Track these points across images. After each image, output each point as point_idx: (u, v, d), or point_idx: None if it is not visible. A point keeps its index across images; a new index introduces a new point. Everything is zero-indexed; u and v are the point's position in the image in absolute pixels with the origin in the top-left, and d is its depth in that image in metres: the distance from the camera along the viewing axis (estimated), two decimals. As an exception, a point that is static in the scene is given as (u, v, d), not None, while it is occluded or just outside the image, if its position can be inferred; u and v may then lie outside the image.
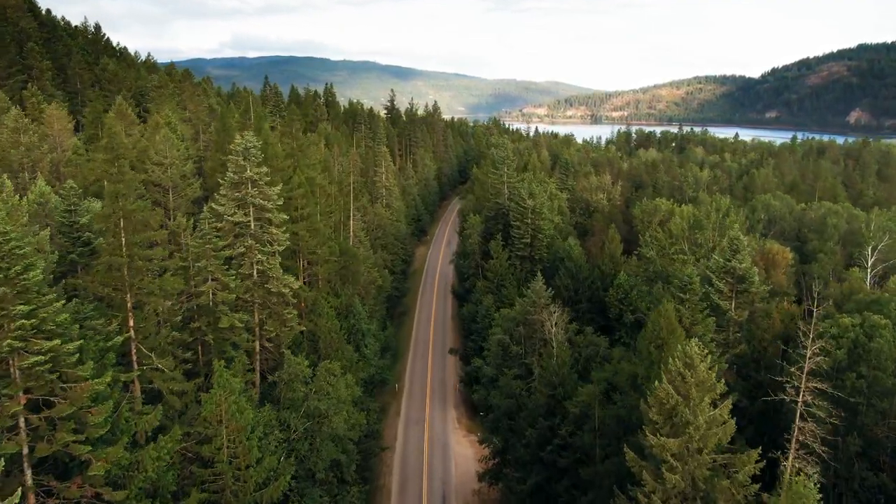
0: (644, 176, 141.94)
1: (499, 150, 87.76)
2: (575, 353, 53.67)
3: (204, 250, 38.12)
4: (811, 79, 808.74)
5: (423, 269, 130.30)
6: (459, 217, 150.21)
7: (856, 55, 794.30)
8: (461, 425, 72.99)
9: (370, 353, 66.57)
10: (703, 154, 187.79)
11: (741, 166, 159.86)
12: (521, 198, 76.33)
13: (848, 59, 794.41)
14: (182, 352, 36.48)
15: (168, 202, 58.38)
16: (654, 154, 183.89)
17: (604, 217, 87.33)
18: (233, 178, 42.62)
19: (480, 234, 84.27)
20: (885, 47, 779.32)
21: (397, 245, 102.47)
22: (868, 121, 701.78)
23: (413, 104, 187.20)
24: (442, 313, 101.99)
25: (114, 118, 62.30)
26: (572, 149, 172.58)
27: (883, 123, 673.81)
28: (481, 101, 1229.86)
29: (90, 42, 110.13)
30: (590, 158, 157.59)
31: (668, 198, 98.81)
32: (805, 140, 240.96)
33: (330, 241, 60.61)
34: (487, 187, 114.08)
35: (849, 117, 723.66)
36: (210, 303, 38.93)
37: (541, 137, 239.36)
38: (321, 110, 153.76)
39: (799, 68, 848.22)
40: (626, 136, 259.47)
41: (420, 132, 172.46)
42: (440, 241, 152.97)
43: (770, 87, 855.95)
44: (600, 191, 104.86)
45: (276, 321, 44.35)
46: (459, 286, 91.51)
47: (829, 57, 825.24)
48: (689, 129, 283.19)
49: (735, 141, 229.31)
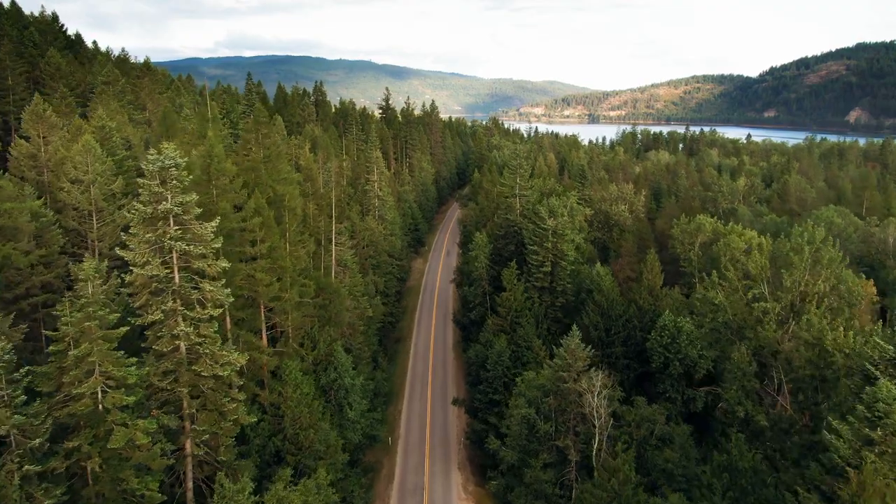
0: (662, 182, 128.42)
1: (509, 157, 73.83)
2: (624, 434, 40.12)
3: (86, 328, 24.35)
4: (810, 78, 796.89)
5: (420, 286, 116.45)
6: (460, 227, 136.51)
7: (854, 54, 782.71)
8: (469, 494, 59.32)
9: (355, 413, 52.84)
10: (718, 156, 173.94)
11: (764, 170, 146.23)
12: (540, 217, 62.55)
13: (847, 58, 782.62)
14: (44, 494, 22.79)
15: (91, 230, 44.49)
16: (666, 157, 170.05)
17: (633, 236, 73.37)
18: (145, 211, 28.76)
19: (488, 255, 70.39)
20: (884, 46, 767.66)
21: (391, 263, 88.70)
22: (868, 120, 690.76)
23: (409, 103, 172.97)
24: (442, 343, 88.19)
25: (29, 121, 48.40)
26: (580, 151, 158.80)
27: (883, 122, 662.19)
28: (478, 101, 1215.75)
29: (43, 32, 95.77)
30: (600, 162, 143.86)
31: (701, 210, 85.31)
32: (820, 141, 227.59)
33: (303, 279, 46.78)
34: (492, 197, 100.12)
35: (848, 116, 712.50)
36: (98, 407, 25.17)
37: (544, 138, 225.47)
38: (309, 110, 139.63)
39: (797, 67, 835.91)
40: (632, 137, 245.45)
41: (417, 134, 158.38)
42: (439, 253, 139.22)
43: (768, 86, 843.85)
44: (621, 201, 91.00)
45: (212, 415, 30.51)
46: (463, 314, 77.54)
47: (827, 56, 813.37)
48: (698, 130, 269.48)
49: (748, 142, 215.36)
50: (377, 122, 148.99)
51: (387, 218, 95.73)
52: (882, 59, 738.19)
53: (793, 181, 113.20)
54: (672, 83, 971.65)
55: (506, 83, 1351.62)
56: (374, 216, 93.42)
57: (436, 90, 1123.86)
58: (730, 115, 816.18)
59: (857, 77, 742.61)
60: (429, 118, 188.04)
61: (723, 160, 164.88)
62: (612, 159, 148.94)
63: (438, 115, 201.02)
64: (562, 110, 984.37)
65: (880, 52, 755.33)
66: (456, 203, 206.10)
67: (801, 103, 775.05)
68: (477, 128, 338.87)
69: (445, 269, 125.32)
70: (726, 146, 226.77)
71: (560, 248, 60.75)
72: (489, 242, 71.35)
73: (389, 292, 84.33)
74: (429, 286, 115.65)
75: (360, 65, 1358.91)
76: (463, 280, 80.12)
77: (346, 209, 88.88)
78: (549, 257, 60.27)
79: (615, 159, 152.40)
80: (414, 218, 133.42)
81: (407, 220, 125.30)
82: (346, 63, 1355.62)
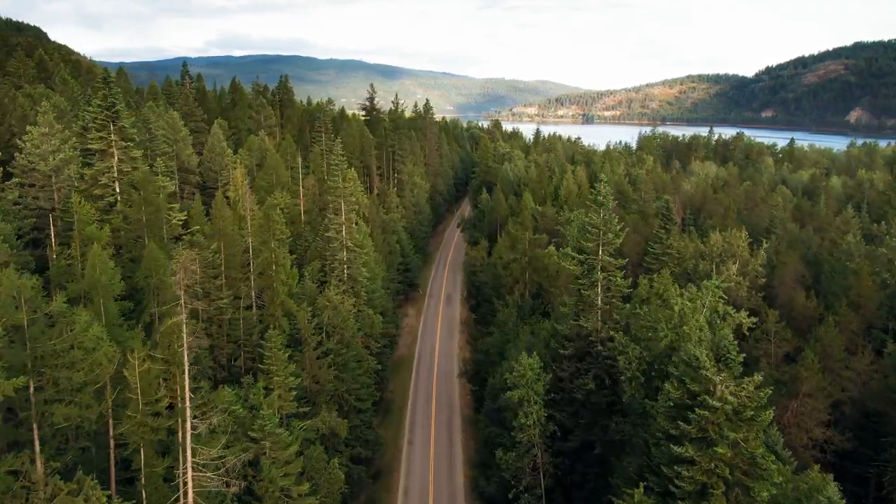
0: (743, 212, 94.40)
1: (589, 217, 38.48)
2: None
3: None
4: (808, 77, 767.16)
5: (412, 358, 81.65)
6: (464, 270, 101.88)
7: (853, 53, 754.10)
8: None
9: None
10: (773, 166, 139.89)
11: (850, 188, 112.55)
12: (689, 364, 27.44)
13: (845, 57, 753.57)
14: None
15: None
16: (713, 169, 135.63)
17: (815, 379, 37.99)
18: None
19: (543, 395, 35.71)
20: (882, 45, 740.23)
21: (366, 363, 54.10)
22: (869, 120, 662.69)
23: (398, 103, 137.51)
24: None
25: None
26: (612, 162, 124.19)
27: (886, 123, 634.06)
28: (469, 101, 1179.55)
29: None
30: (648, 180, 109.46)
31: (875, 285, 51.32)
32: (868, 145, 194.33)
33: None
34: (523, 247, 65.61)
35: (849, 117, 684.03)
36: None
37: (556, 143, 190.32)
38: (267, 113, 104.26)
39: (795, 67, 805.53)
40: (650, 141, 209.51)
41: (408, 141, 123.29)
42: (437, 298, 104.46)
43: (765, 85, 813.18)
44: (730, 258, 56.65)
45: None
46: (497, 487, 41.97)
47: (825, 55, 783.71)
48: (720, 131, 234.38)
49: (791, 148, 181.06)
50: (357, 125, 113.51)
51: (361, 275, 61.04)
52: (881, 58, 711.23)
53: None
54: (667, 83, 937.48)
55: (498, 83, 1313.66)
56: (341, 278, 58.70)
57: (427, 90, 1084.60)
58: (727, 115, 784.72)
59: (856, 76, 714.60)
60: (422, 120, 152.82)
61: (788, 175, 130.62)
62: (646, 172, 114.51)
63: (433, 117, 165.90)
64: (555, 110, 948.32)
65: (878, 52, 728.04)
66: (455, 220, 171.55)
67: (800, 103, 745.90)
68: (474, 129, 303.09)
69: (446, 329, 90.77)
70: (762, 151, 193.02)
71: (750, 453, 25.41)
72: (540, 366, 36.38)
73: (357, 421, 49.86)
74: (424, 359, 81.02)
75: (351, 64, 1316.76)
76: (488, 424, 45.19)
77: (299, 273, 54.04)
78: (723, 473, 25.15)
79: (652, 170, 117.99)
80: (404, 254, 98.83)
81: (394, 261, 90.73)
82: (338, 63, 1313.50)
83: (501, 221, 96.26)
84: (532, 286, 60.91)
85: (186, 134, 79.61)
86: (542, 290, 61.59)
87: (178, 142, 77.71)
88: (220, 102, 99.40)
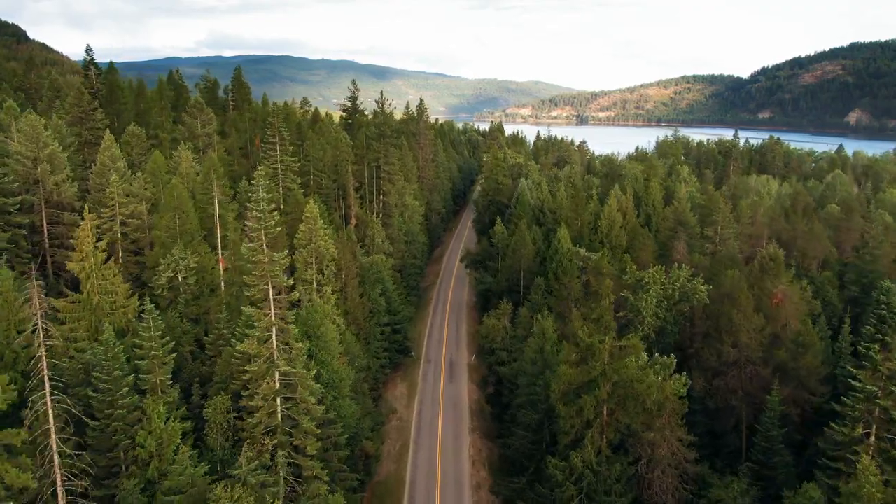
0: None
1: None
2: None
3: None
4: (805, 78, 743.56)
5: (401, 495, 53.30)
6: (475, 342, 73.56)
7: (850, 54, 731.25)
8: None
9: None
10: (850, 182, 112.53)
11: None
12: None
13: (842, 57, 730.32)
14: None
15: None
16: (775, 186, 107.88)
17: None
18: None
19: None
20: (880, 46, 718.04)
21: None
22: (869, 121, 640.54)
23: (383, 102, 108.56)
24: None
25: None
26: (657, 177, 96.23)
27: (886, 124, 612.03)
28: (462, 101, 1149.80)
29: None
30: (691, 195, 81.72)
31: None
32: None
33: None
34: (606, 369, 37.64)
35: (848, 118, 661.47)
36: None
37: (570, 150, 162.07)
38: (206, 114, 75.10)
39: (791, 67, 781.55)
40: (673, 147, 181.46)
41: (397, 151, 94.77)
42: (435, 364, 75.62)
43: (762, 86, 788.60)
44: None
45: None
46: None
47: (821, 56, 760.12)
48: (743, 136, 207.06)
49: (839, 155, 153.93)
50: (333, 130, 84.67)
51: (305, 424, 33.02)
52: (879, 58, 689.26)
53: None
54: (662, 83, 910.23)
55: (490, 83, 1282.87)
56: (265, 432, 30.59)
57: (419, 90, 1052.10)
58: (722, 116, 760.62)
59: (855, 77, 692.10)
60: (416, 124, 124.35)
61: (872, 193, 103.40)
62: (711, 196, 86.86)
63: (428, 120, 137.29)
64: (549, 111, 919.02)
65: (876, 52, 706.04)
66: (454, 240, 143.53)
67: (797, 104, 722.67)
68: (471, 132, 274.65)
69: (451, 424, 62.24)
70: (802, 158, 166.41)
71: None
72: None
73: None
74: (420, 489, 52.70)
75: (343, 65, 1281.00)
76: None
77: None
78: None
79: (712, 194, 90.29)
80: (392, 309, 70.71)
81: (375, 330, 62.66)
82: (329, 63, 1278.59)
83: (525, 268, 68.09)
84: (616, 432, 32.70)
85: (58, 150, 51.09)
86: (629, 436, 33.66)
87: (39, 161, 49.33)
88: (136, 102, 70.10)
